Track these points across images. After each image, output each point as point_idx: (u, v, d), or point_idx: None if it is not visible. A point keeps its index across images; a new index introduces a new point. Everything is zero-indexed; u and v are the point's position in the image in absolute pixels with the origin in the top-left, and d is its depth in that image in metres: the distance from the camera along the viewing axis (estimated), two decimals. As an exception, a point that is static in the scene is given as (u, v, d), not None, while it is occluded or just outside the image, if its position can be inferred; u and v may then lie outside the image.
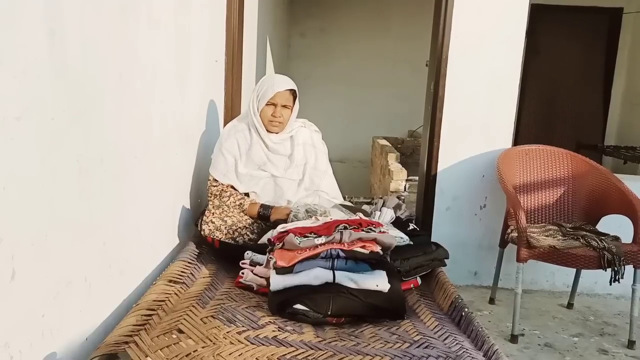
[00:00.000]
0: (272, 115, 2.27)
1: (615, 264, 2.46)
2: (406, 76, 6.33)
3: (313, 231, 1.79)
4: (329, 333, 1.60)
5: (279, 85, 2.27)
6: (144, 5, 1.78)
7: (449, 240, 2.42)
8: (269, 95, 2.24)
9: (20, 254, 1.15)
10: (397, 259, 1.96)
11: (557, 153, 3.06)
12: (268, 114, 2.27)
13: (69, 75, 1.31)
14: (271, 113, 2.27)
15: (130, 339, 1.42)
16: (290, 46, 6.69)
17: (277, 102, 2.26)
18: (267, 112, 2.27)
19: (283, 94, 2.27)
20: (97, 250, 1.53)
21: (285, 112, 2.29)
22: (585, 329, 2.79)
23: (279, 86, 2.26)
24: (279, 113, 2.27)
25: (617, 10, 5.93)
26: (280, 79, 2.32)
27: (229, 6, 2.93)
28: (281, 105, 2.27)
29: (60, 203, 1.31)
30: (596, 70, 6.10)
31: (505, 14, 3.01)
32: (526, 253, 2.56)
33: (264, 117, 2.28)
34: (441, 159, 3.11)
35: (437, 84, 3.04)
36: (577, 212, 2.95)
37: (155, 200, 2.02)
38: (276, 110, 2.27)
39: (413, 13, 6.25)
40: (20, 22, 1.11)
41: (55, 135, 1.27)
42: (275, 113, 2.27)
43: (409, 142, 5.95)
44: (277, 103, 2.26)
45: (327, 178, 2.45)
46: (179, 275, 1.84)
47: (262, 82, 2.34)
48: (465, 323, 1.71)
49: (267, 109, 2.27)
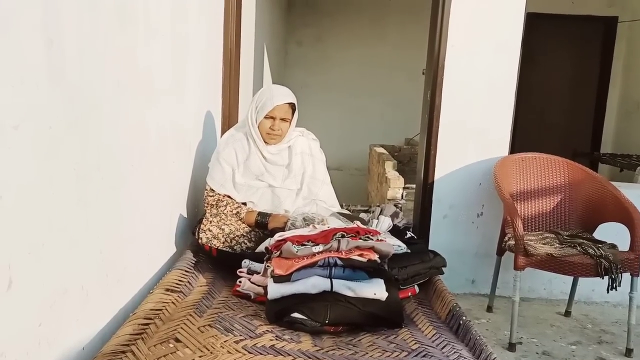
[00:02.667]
0: (270, 128, 2.25)
1: (613, 271, 2.47)
2: (402, 84, 6.35)
3: (311, 239, 1.79)
4: (326, 342, 1.59)
5: (278, 98, 2.24)
6: (141, 14, 1.78)
7: (446, 248, 2.43)
8: (268, 108, 2.22)
9: (17, 263, 1.14)
10: (395, 267, 1.95)
11: (554, 161, 3.07)
12: (266, 127, 2.25)
13: (66, 83, 1.31)
14: (269, 126, 2.25)
15: (127, 348, 1.41)
16: (287, 54, 6.71)
17: (275, 116, 2.24)
18: (266, 124, 2.25)
19: (282, 107, 2.24)
20: (94, 258, 1.53)
21: (283, 125, 2.27)
22: (583, 337, 2.79)
23: (278, 99, 2.24)
24: (277, 126, 2.25)
25: (612, 19, 5.98)
26: (280, 92, 2.29)
27: (227, 14, 2.94)
28: (280, 118, 2.25)
29: (57, 211, 1.31)
30: (591, 78, 6.15)
31: (501, 22, 3.03)
32: (523, 261, 2.56)
33: (262, 129, 2.26)
34: (438, 167, 3.12)
35: (433, 92, 3.05)
36: (574, 220, 2.96)
37: (152, 208, 2.01)
38: (274, 124, 2.25)
39: (409, 21, 6.28)
40: (18, 30, 1.11)
41: (53, 143, 1.26)
42: (273, 126, 2.25)
43: (406, 149, 5.96)
44: (276, 116, 2.24)
45: (325, 187, 2.43)
46: (176, 283, 1.84)
47: (262, 93, 2.31)
48: (463, 331, 1.70)
49: (266, 122, 2.25)
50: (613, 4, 5.94)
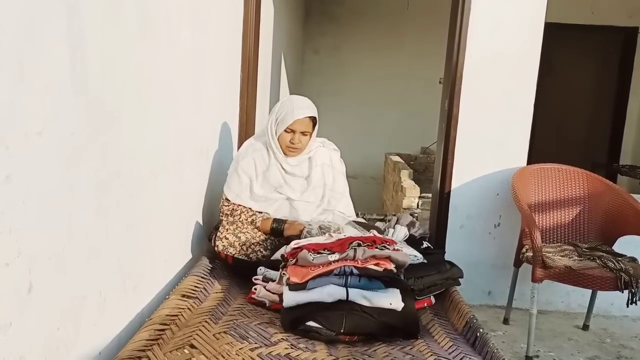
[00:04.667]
0: (290, 142, 2.21)
1: (633, 285, 2.43)
2: (419, 93, 6.33)
3: (327, 248, 1.78)
4: (341, 351, 1.59)
5: (299, 112, 2.19)
6: (162, 24, 1.81)
7: (462, 259, 2.40)
8: (288, 122, 2.18)
9: (38, 268, 1.16)
10: (411, 277, 1.95)
11: (573, 172, 3.03)
12: (286, 140, 2.21)
13: (89, 91, 1.33)
14: (289, 140, 2.21)
15: (143, 353, 1.42)
16: (304, 62, 6.74)
17: (295, 129, 2.19)
18: (286, 138, 2.21)
19: (302, 121, 2.20)
20: (112, 265, 1.54)
21: (304, 138, 2.23)
22: (602, 351, 2.74)
23: (298, 113, 2.18)
24: (297, 140, 2.21)
25: (632, 30, 5.92)
26: (300, 105, 2.23)
27: (246, 24, 2.97)
28: (300, 132, 2.21)
29: (78, 218, 1.32)
30: (611, 89, 6.08)
31: (520, 32, 3.01)
32: (541, 273, 2.53)
33: (281, 142, 2.23)
34: (455, 176, 3.10)
35: (451, 102, 3.04)
36: (593, 232, 2.92)
37: (169, 215, 2.03)
38: (294, 137, 2.21)
39: (427, 30, 6.26)
40: (43, 39, 1.13)
41: (75, 151, 1.28)
42: (293, 140, 2.21)
43: (422, 158, 5.94)
44: (296, 130, 2.20)
45: (344, 200, 2.41)
46: (192, 290, 1.85)
47: (282, 105, 2.25)
48: (481, 344, 1.68)
49: (286, 135, 2.21)
50: (633, 15, 5.88)
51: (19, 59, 1.05)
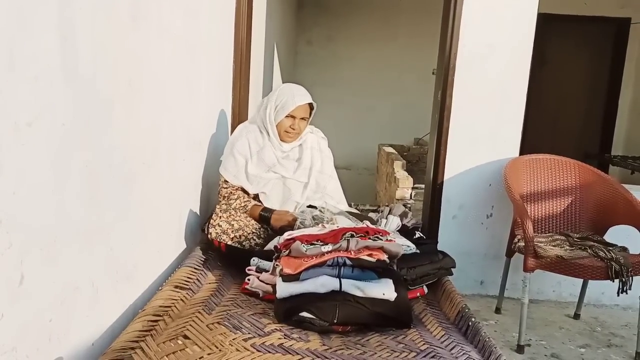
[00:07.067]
0: (290, 127, 2.33)
1: (623, 274, 2.45)
2: (412, 84, 6.33)
3: (320, 239, 1.78)
4: (335, 341, 1.60)
5: (300, 98, 2.32)
6: (154, 13, 1.79)
7: (454, 249, 2.42)
8: (290, 108, 2.30)
9: (29, 259, 1.15)
10: (404, 268, 1.95)
11: (565, 162, 3.05)
12: (286, 125, 2.33)
13: (79, 81, 1.32)
14: (289, 125, 2.33)
15: (137, 344, 1.42)
16: (297, 53, 6.71)
17: (296, 115, 2.32)
18: (286, 123, 2.33)
19: (303, 107, 2.33)
20: (104, 255, 1.54)
21: (302, 123, 2.36)
22: (593, 340, 2.77)
23: (299, 99, 2.31)
24: (297, 125, 2.34)
25: (624, 21, 5.93)
26: (300, 92, 2.36)
27: (238, 13, 2.95)
28: (300, 117, 2.33)
29: (69, 208, 1.32)
30: (603, 79, 6.10)
31: (513, 23, 3.01)
32: (533, 263, 2.54)
33: (280, 128, 2.34)
34: (448, 167, 3.11)
35: (444, 93, 3.04)
36: (585, 222, 2.94)
37: (162, 205, 2.02)
38: (295, 123, 2.33)
39: (420, 22, 6.25)
40: (33, 27, 1.12)
41: (66, 141, 1.27)
42: (293, 125, 2.33)
43: (415, 149, 5.94)
44: (297, 116, 2.32)
45: (333, 182, 2.50)
46: (185, 281, 1.85)
47: (281, 92, 2.36)
48: (472, 333, 1.70)
49: (286, 121, 2.32)
50: (626, 5, 5.88)
51: (9, 48, 1.04)
